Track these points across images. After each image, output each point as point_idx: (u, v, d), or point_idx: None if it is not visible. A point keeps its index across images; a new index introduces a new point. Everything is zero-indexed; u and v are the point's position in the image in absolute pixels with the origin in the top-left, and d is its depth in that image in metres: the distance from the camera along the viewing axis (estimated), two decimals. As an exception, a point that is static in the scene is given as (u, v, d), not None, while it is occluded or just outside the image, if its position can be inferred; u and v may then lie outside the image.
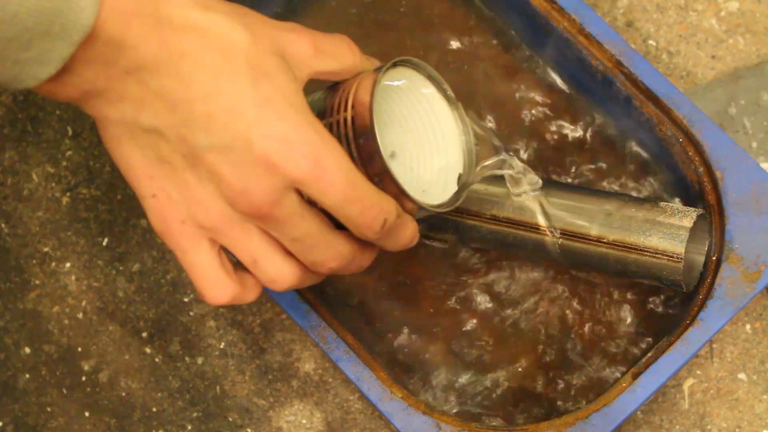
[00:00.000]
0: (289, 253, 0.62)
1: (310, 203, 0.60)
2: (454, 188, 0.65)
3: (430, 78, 0.65)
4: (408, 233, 0.63)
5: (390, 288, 0.74)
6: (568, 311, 0.73)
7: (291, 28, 0.62)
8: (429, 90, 0.65)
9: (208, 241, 0.61)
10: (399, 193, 0.61)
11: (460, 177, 0.66)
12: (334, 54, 0.63)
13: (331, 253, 0.62)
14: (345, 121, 0.61)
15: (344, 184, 0.59)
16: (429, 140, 0.66)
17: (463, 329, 0.73)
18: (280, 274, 0.62)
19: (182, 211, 0.60)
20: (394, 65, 0.63)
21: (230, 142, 0.58)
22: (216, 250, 0.61)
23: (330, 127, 0.61)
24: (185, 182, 0.59)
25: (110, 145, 0.60)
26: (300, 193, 0.59)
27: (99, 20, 0.55)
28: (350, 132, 0.60)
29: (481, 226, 0.71)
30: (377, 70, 0.62)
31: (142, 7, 0.57)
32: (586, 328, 0.73)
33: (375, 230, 0.61)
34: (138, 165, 0.60)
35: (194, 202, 0.60)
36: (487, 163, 0.67)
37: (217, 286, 0.62)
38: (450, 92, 0.65)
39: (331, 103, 0.62)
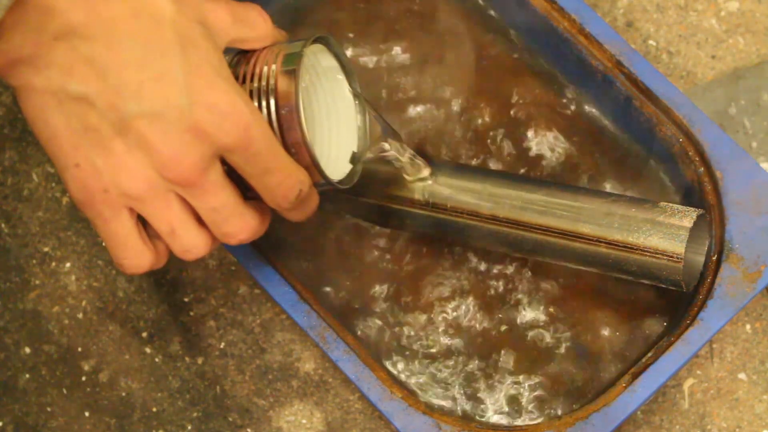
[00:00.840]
0: (202, 225, 0.62)
1: (227, 174, 0.61)
2: (348, 166, 0.67)
3: (337, 56, 0.67)
4: (314, 205, 0.65)
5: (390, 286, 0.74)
6: (568, 311, 0.73)
7: None
8: (333, 66, 0.67)
9: (128, 211, 0.61)
10: (311, 166, 0.62)
11: (354, 155, 0.67)
12: (250, 22, 0.64)
13: (243, 225, 0.63)
14: (267, 91, 0.62)
15: (268, 153, 0.60)
16: (330, 117, 0.67)
17: (464, 329, 0.73)
18: (195, 244, 0.63)
19: (106, 180, 0.60)
20: (313, 42, 0.64)
21: (161, 109, 0.58)
22: (135, 219, 0.62)
23: (249, 95, 0.62)
24: (112, 150, 0.59)
25: (33, 115, 0.60)
26: (222, 162, 0.60)
27: None
28: (272, 102, 0.62)
29: (482, 226, 0.71)
30: (293, 41, 0.64)
31: None
32: (587, 327, 0.73)
33: (290, 200, 0.62)
34: (62, 134, 0.60)
35: (120, 170, 0.60)
36: (377, 146, 0.68)
37: (137, 255, 0.62)
38: (351, 70, 0.67)
39: (246, 71, 0.63)
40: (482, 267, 0.74)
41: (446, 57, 0.77)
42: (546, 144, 0.76)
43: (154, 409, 0.75)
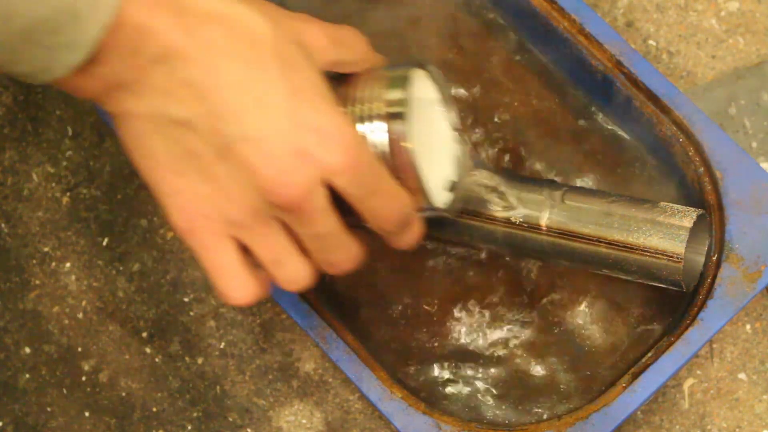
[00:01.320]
0: (305, 254, 0.60)
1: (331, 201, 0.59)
2: (446, 193, 0.65)
3: (436, 84, 0.65)
4: (418, 230, 0.63)
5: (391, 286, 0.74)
6: (567, 311, 0.73)
7: (305, 19, 0.61)
8: (433, 94, 0.66)
9: (231, 239, 0.59)
10: (414, 191, 0.61)
11: (453, 184, 0.66)
12: (347, 45, 0.63)
13: (347, 253, 0.61)
14: (373, 115, 0.61)
15: (374, 175, 0.59)
16: (429, 144, 0.66)
17: (464, 328, 0.73)
18: (299, 274, 0.61)
19: (208, 206, 0.58)
20: (411, 67, 0.63)
21: (264, 132, 0.56)
22: (238, 248, 0.59)
23: (353, 117, 0.61)
24: (214, 175, 0.57)
25: (132, 142, 0.58)
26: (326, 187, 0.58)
27: (125, 5, 0.54)
28: (378, 126, 0.61)
29: (482, 227, 0.71)
30: (394, 67, 0.63)
31: None
32: (586, 327, 0.73)
33: (394, 223, 0.60)
34: (163, 160, 0.58)
35: (223, 196, 0.58)
36: (473, 176, 0.67)
37: (242, 285, 0.60)
38: (450, 99, 0.66)
39: (347, 94, 0.62)
40: (482, 267, 0.74)
41: (447, 57, 0.77)
42: (545, 144, 0.76)
43: (154, 409, 0.75)
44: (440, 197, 0.65)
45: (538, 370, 0.72)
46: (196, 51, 0.56)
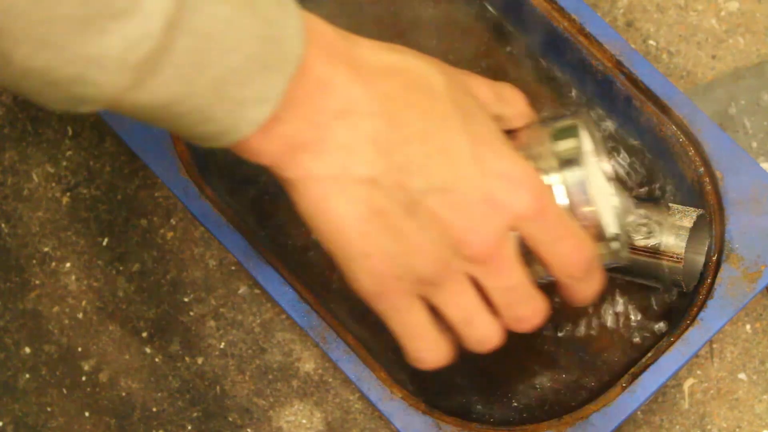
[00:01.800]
0: (493, 311, 0.58)
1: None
2: (615, 242, 0.64)
3: (592, 133, 0.64)
4: (601, 278, 0.61)
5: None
6: (568, 311, 0.73)
7: (468, 73, 0.60)
8: (592, 146, 0.64)
9: (420, 299, 0.57)
10: (595, 240, 0.60)
11: (616, 236, 0.63)
12: (508, 100, 0.62)
13: (536, 307, 0.59)
14: (550, 167, 0.60)
15: (560, 219, 0.57)
16: (597, 193, 0.65)
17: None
18: (490, 333, 0.59)
19: (399, 266, 0.56)
20: (573, 118, 0.63)
21: (451, 182, 0.55)
22: (427, 309, 0.57)
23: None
24: (403, 233, 0.55)
25: (313, 209, 0.55)
26: None
27: (307, 57, 0.53)
28: (555, 177, 0.60)
29: None
30: (556, 119, 0.62)
31: (338, 48, 0.54)
32: (586, 327, 0.73)
33: (582, 268, 0.59)
34: (349, 223, 0.55)
35: (413, 254, 0.55)
36: (627, 222, 0.67)
37: (436, 346, 0.58)
38: (605, 150, 0.64)
39: (521, 143, 0.61)
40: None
41: (446, 58, 0.77)
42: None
43: (154, 409, 0.75)
44: (612, 246, 0.64)
45: (538, 370, 0.73)
46: (375, 105, 0.54)
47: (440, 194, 0.55)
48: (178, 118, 0.52)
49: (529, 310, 0.59)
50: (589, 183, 0.61)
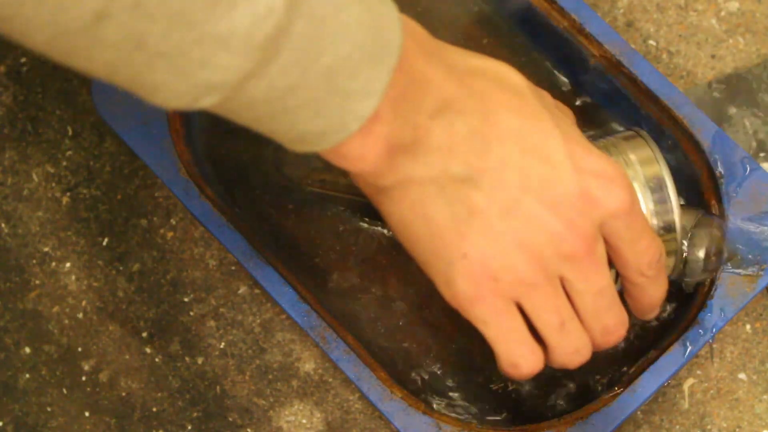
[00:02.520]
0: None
1: None
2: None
3: (653, 148, 0.65)
4: (666, 283, 0.62)
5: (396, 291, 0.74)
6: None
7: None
8: (661, 156, 0.65)
9: (515, 304, 0.57)
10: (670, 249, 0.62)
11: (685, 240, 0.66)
12: (566, 113, 0.64)
13: (620, 316, 0.59)
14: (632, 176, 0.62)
15: (643, 218, 0.58)
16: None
17: (463, 328, 0.73)
18: (583, 343, 0.58)
19: (496, 267, 0.56)
20: (630, 131, 0.65)
21: (548, 180, 0.55)
22: (521, 314, 0.57)
23: None
24: (501, 233, 0.55)
25: (410, 214, 0.56)
26: None
27: (405, 51, 0.52)
28: (641, 178, 0.62)
29: None
30: (611, 133, 0.65)
31: (431, 45, 0.54)
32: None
33: (654, 266, 0.59)
34: (447, 224, 0.55)
35: (511, 253, 0.55)
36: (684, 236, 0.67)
37: (532, 352, 0.58)
38: (666, 164, 0.65)
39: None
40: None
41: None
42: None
43: (154, 409, 0.75)
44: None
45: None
46: (470, 102, 0.54)
47: (538, 192, 0.55)
48: (288, 114, 0.51)
49: (616, 318, 0.59)
50: (668, 186, 0.62)
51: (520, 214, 0.55)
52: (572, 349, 0.59)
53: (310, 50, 0.49)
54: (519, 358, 0.58)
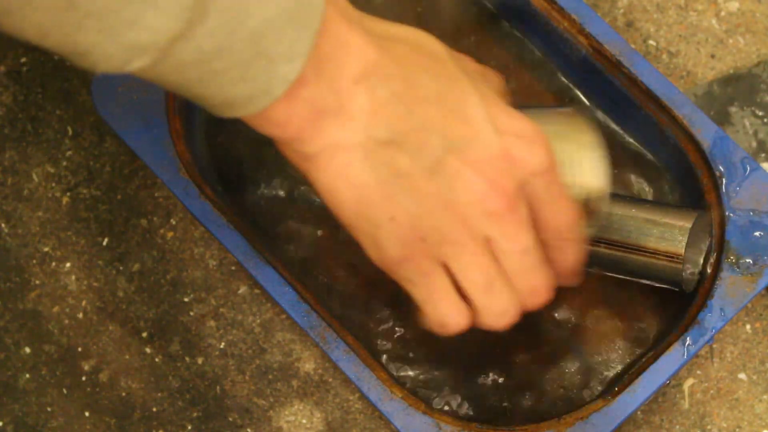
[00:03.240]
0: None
1: None
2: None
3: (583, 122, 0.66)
4: (581, 247, 0.63)
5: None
6: (568, 311, 0.73)
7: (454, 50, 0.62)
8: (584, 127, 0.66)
9: (442, 264, 0.58)
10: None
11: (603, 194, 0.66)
12: (489, 79, 0.64)
13: (545, 277, 0.60)
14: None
15: (559, 179, 0.59)
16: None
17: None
18: (510, 303, 0.59)
19: (424, 227, 0.56)
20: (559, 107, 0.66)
21: (469, 141, 0.56)
22: (448, 273, 0.58)
23: None
24: (426, 193, 0.56)
25: (337, 180, 0.56)
26: None
27: (327, 13, 0.53)
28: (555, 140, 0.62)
29: None
30: (538, 106, 0.65)
31: (351, 13, 0.55)
32: (587, 327, 0.73)
33: (573, 228, 0.60)
34: (373, 188, 0.56)
35: (437, 213, 0.56)
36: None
37: (459, 311, 0.59)
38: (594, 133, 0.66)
39: None
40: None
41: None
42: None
43: (154, 409, 0.75)
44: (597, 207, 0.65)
45: (537, 369, 0.72)
46: (391, 67, 0.55)
47: (460, 152, 0.56)
48: (216, 77, 0.52)
49: (543, 279, 0.60)
50: (596, 155, 0.62)
51: (444, 175, 0.56)
52: (499, 310, 0.59)
53: (236, 12, 0.51)
54: (446, 317, 0.59)
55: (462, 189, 0.56)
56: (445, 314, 0.59)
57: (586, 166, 0.62)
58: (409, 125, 0.55)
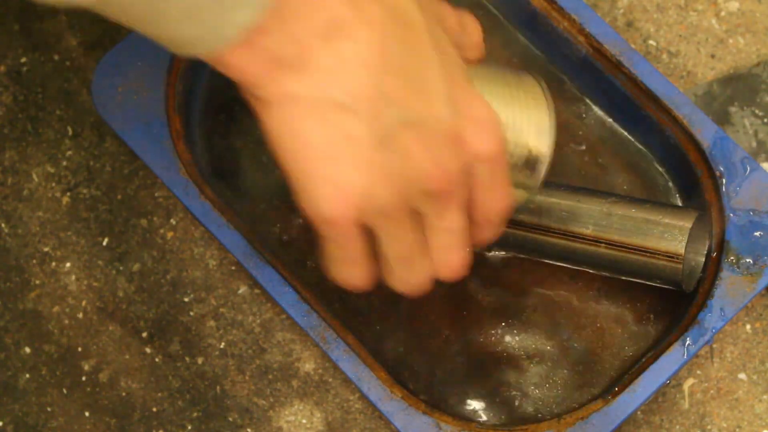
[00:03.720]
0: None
1: None
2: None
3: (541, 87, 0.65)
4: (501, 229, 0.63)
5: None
6: (568, 311, 0.73)
7: (437, 1, 0.61)
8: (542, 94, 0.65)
9: (364, 230, 0.58)
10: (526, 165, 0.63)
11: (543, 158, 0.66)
12: (469, 30, 0.63)
13: (464, 255, 0.60)
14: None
15: (504, 167, 0.59)
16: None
17: (463, 328, 0.73)
18: (422, 275, 0.60)
19: (361, 195, 0.56)
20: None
21: (424, 117, 0.56)
22: (368, 238, 0.58)
23: None
24: (371, 162, 0.55)
25: (284, 129, 0.55)
26: None
27: None
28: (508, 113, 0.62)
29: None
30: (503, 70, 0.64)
31: None
32: (587, 327, 0.73)
33: (502, 215, 0.61)
34: (317, 145, 0.55)
35: (377, 182, 0.56)
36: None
37: (363, 277, 0.59)
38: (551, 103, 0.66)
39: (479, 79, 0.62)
40: (484, 267, 0.74)
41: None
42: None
43: (154, 409, 0.75)
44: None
45: (537, 369, 0.72)
46: (361, 30, 0.54)
47: (413, 128, 0.56)
48: (164, 16, 0.52)
49: (458, 258, 0.60)
50: (549, 123, 0.63)
51: (393, 148, 0.56)
52: (414, 282, 0.60)
53: None
54: (350, 277, 0.60)
55: (407, 165, 0.56)
56: (350, 275, 0.60)
57: (529, 128, 0.62)
58: (367, 93, 0.55)
